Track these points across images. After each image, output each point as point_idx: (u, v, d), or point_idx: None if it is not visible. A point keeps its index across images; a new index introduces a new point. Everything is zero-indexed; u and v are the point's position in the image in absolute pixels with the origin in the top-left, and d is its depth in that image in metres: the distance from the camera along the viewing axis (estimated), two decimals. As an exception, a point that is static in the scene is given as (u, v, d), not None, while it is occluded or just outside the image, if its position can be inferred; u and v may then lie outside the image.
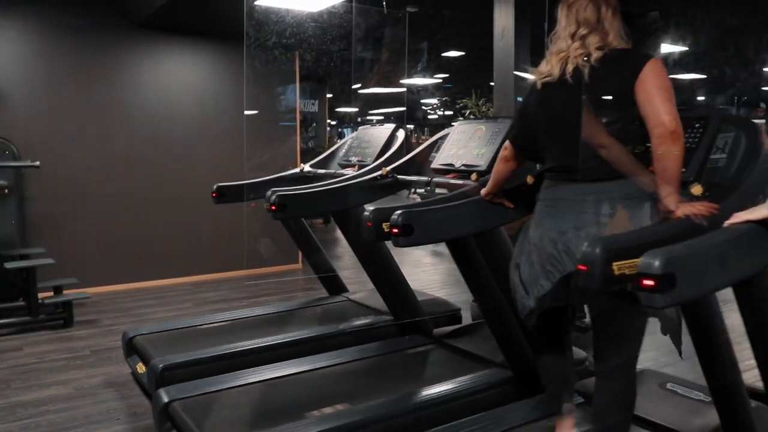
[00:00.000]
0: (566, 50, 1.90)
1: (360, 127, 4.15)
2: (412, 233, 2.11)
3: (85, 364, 3.78)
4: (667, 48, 5.62)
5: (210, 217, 5.54)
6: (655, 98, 1.72)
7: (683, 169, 1.90)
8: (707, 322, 1.81)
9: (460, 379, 2.79)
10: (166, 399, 2.63)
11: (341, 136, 18.01)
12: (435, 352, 3.22)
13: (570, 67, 1.88)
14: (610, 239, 1.52)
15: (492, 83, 3.72)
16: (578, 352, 3.20)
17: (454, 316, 3.81)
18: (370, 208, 2.26)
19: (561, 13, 1.98)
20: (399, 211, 2.12)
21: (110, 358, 3.85)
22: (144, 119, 5.54)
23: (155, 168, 5.58)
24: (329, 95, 10.67)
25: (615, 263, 1.46)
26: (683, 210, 1.68)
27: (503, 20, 3.75)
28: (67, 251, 5.03)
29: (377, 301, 3.75)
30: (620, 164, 1.78)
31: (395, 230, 2.10)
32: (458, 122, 3.20)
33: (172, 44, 5.63)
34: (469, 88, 5.01)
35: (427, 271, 6.64)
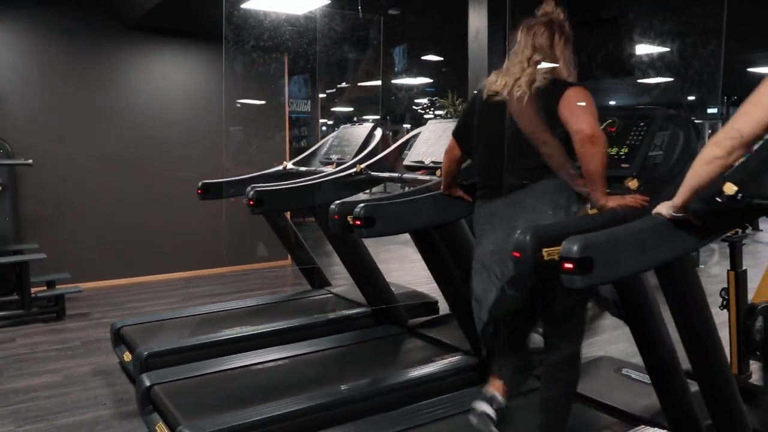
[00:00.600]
0: (519, 74, 2.08)
1: (341, 126, 4.30)
2: (373, 225, 2.26)
3: (76, 354, 3.92)
4: (645, 49, 5.76)
5: (200, 214, 5.68)
6: (574, 112, 1.94)
7: (626, 165, 2.06)
8: (640, 302, 1.96)
9: (427, 364, 2.95)
10: (148, 383, 2.78)
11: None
12: (407, 340, 3.37)
13: (516, 92, 2.05)
14: (540, 228, 1.67)
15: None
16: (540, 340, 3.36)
17: (430, 307, 3.96)
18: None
19: (521, 34, 2.16)
20: (361, 204, 2.27)
21: (99, 348, 4.00)
22: (135, 119, 5.68)
23: (146, 166, 5.72)
24: (322, 95, 10.81)
25: (544, 249, 1.61)
26: (612, 202, 1.84)
27: (477, 22, 3.89)
28: (60, 247, 5.17)
29: (357, 294, 3.90)
30: (556, 160, 1.94)
31: (357, 222, 2.26)
32: (430, 121, 3.35)
33: (163, 46, 5.78)
34: (445, 88, 5.17)
35: (415, 267, 6.78)
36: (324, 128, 14.14)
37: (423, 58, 3.99)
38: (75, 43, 5.40)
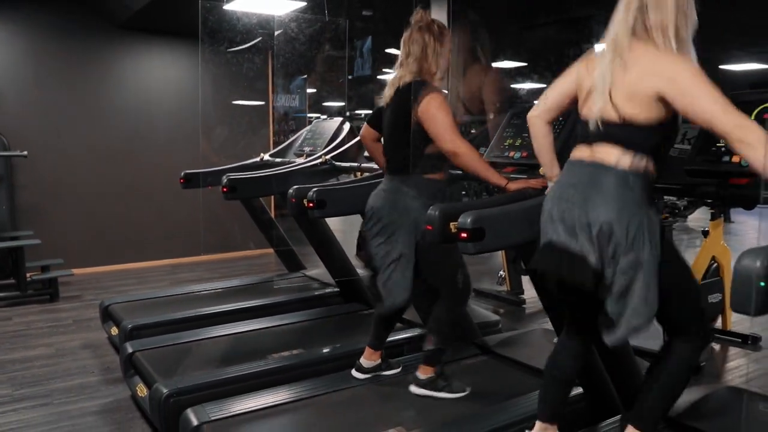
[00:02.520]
0: (399, 75, 2.48)
1: (314, 120, 4.61)
2: (324, 207, 2.59)
3: (67, 330, 4.25)
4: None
5: (187, 203, 5.98)
6: (432, 125, 2.34)
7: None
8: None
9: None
10: (130, 350, 3.11)
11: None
12: (368, 316, 3.69)
13: (391, 91, 2.49)
14: (448, 206, 1.99)
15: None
16: (490, 316, 3.70)
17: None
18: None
19: (402, 46, 2.54)
20: (314, 189, 2.60)
21: (90, 326, 4.32)
22: (125, 113, 5.99)
23: (136, 158, 6.03)
24: (311, 90, 11.07)
25: (451, 223, 1.94)
26: (513, 185, 2.18)
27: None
28: (54, 235, 5.49)
29: (329, 277, 4.23)
30: (469, 160, 2.32)
31: (311, 204, 2.58)
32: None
33: (151, 44, 6.08)
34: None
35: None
36: (308, 122, 14.38)
37: (387, 51, 4.31)
38: (67, 42, 5.70)
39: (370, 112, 2.80)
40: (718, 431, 2.16)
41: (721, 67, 9.89)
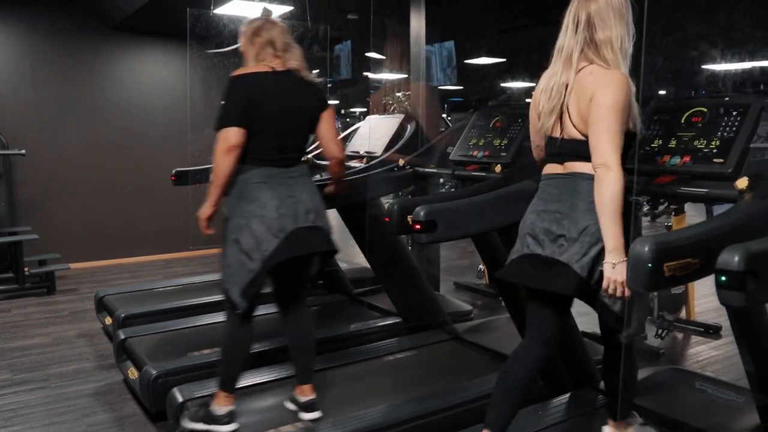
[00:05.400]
0: None
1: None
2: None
3: (64, 321, 4.46)
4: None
5: (180, 199, 6.15)
6: (328, 134, 2.46)
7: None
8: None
9: (360, 322, 3.50)
10: (122, 336, 3.32)
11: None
12: (349, 304, 3.92)
13: None
14: (406, 199, 2.20)
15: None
16: (464, 306, 3.92)
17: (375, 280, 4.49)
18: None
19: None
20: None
21: (85, 317, 4.53)
22: (120, 112, 6.19)
23: (131, 156, 6.23)
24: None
25: (408, 216, 2.15)
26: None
27: (416, 27, 4.40)
28: (51, 230, 5.68)
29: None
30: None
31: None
32: (369, 117, 3.88)
33: (144, 45, 6.28)
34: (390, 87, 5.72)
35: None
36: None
37: (366, 54, 4.51)
38: (63, 43, 5.89)
39: (365, 110, 2.93)
40: (654, 405, 2.38)
41: (704, 66, 10.14)
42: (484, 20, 5.68)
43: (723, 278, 1.29)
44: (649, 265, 1.39)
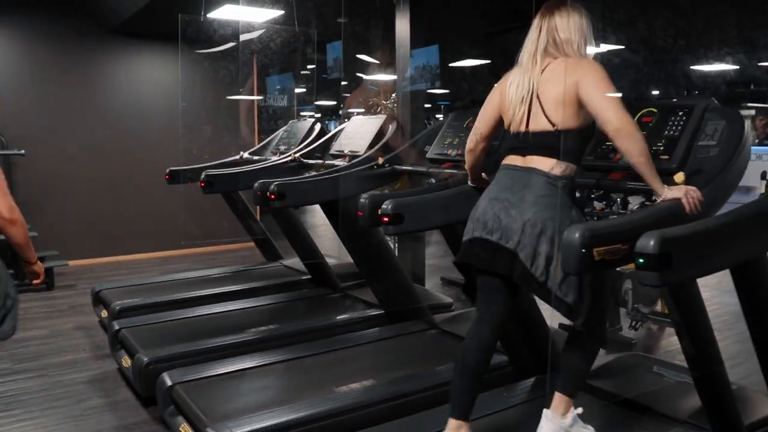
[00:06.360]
0: None
1: (290, 121, 4.98)
2: (285, 198, 2.97)
3: (62, 315, 4.63)
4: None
5: (176, 198, 6.33)
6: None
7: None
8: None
9: (345, 314, 3.68)
10: (117, 327, 3.49)
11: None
12: (335, 297, 4.08)
13: None
14: (377, 194, 2.37)
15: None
16: (444, 298, 4.08)
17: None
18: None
19: None
20: (276, 183, 2.97)
21: (83, 311, 4.69)
22: (117, 113, 6.35)
23: (127, 155, 6.39)
24: (301, 90, 11.42)
25: (378, 209, 2.31)
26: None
27: (402, 32, 4.56)
28: (50, 228, 5.83)
29: (303, 266, 4.60)
30: None
31: (272, 196, 2.96)
32: (353, 117, 4.05)
33: (141, 48, 6.44)
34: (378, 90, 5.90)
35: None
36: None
37: (357, 56, 4.69)
38: (62, 46, 6.07)
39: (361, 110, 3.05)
40: (611, 387, 2.54)
41: (692, 67, 10.30)
42: (471, 23, 5.83)
43: (641, 260, 1.46)
44: (581, 250, 1.55)
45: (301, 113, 11.09)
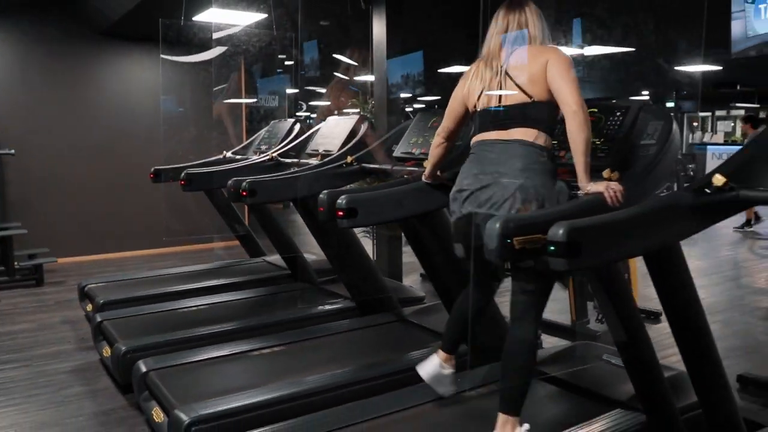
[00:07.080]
0: None
1: (272, 121, 5.12)
2: (255, 195, 3.12)
3: (49, 310, 4.78)
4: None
5: (165, 197, 6.48)
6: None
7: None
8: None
9: (319, 306, 3.82)
10: (99, 319, 3.63)
11: (310, 128, 18.93)
12: (313, 292, 4.23)
13: None
14: (336, 191, 2.51)
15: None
16: (417, 292, 4.23)
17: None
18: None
19: None
20: (247, 180, 3.12)
21: (70, 306, 4.83)
22: (106, 113, 6.51)
23: (117, 156, 6.54)
24: (293, 90, 11.56)
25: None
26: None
27: (378, 32, 4.71)
28: (40, 226, 5.99)
29: (283, 262, 4.75)
30: None
31: (244, 193, 3.11)
32: (329, 118, 4.20)
33: (130, 50, 6.60)
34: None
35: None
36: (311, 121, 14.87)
37: (334, 55, 4.85)
38: (52, 47, 6.22)
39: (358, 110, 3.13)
40: (561, 374, 2.69)
41: (677, 68, 10.44)
42: (458, 28, 5.97)
43: (552, 248, 1.61)
44: (504, 238, 1.70)
45: (297, 113, 11.28)
